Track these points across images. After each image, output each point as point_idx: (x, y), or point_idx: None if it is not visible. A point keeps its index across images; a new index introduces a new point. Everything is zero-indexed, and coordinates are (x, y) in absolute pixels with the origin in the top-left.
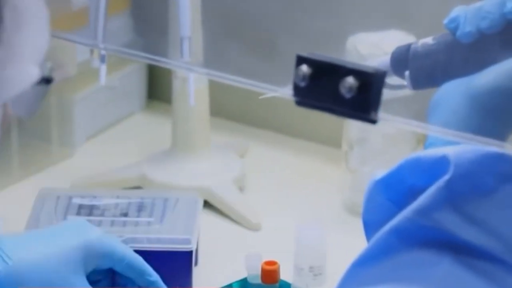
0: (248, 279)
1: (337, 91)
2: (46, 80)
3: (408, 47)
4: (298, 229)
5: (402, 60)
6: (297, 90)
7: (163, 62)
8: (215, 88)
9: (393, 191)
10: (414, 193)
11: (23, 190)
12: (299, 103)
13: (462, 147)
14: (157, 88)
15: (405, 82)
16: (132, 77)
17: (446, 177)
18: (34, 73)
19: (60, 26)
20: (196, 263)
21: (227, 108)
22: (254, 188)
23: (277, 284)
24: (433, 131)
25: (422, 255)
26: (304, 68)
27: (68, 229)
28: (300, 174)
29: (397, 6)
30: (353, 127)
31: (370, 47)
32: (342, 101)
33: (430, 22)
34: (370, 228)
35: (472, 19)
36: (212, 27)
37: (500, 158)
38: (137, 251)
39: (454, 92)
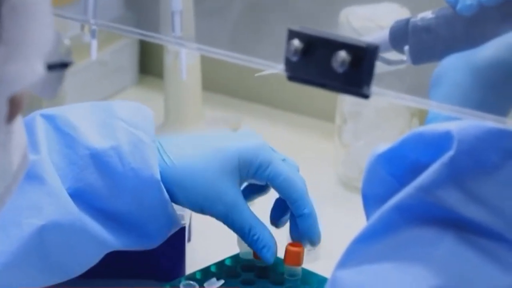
0: (240, 255)
1: (329, 66)
2: (63, 65)
3: (406, 21)
4: None
5: (401, 34)
6: (288, 65)
7: (154, 37)
8: (207, 62)
9: (395, 166)
10: (416, 168)
11: None
12: (291, 78)
13: (465, 123)
14: (149, 63)
15: (404, 57)
16: (124, 52)
17: (450, 153)
18: (38, 69)
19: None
20: (189, 239)
21: (219, 82)
22: None
23: None
24: (426, 105)
25: (425, 233)
26: (296, 42)
27: (230, 135)
28: (293, 149)
29: None
30: (346, 101)
31: (362, 20)
32: (335, 76)
33: None
34: (369, 201)
35: None
36: (203, 1)
37: (503, 134)
38: None
39: (456, 65)
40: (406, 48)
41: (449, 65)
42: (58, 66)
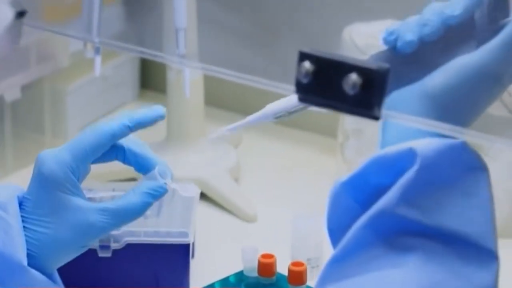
0: (244, 272)
1: (340, 88)
2: (20, 14)
3: None
4: (294, 221)
5: None
6: (299, 86)
7: (159, 56)
8: (209, 78)
9: (359, 191)
10: (380, 192)
11: (17, 182)
12: (302, 99)
13: (427, 140)
14: (150, 78)
15: None
16: (125, 67)
17: (415, 167)
18: (9, 13)
19: (54, 17)
20: (192, 256)
21: (221, 98)
22: (249, 179)
23: (274, 277)
24: (435, 127)
25: (396, 245)
26: (307, 64)
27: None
28: (296, 165)
29: None
30: (349, 118)
31: (366, 38)
32: (345, 98)
33: None
34: (335, 234)
35: (414, 28)
36: (206, 17)
37: (463, 148)
38: (134, 245)
39: (406, 97)
40: None
41: (398, 98)
42: (16, 16)
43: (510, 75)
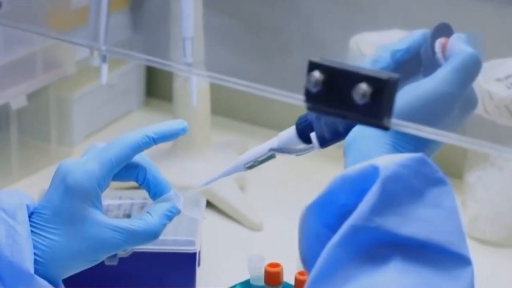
0: (251, 281)
1: (350, 97)
2: None
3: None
4: None
5: (306, 126)
6: (309, 96)
7: (166, 65)
8: (216, 87)
9: (327, 214)
10: (348, 211)
11: (23, 190)
12: (311, 108)
13: (386, 156)
14: (156, 86)
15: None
16: (131, 75)
17: (379, 181)
18: None
19: (60, 25)
20: (199, 264)
21: (227, 106)
22: (255, 188)
23: (280, 286)
24: (445, 137)
25: (371, 257)
26: (317, 74)
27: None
28: (301, 173)
29: (400, 6)
30: None
31: (373, 47)
32: (355, 107)
33: (432, 21)
34: (311, 263)
35: (367, 65)
36: (213, 26)
37: (423, 161)
38: (140, 253)
39: (366, 130)
40: (313, 134)
41: (356, 136)
42: None
43: (462, 100)
